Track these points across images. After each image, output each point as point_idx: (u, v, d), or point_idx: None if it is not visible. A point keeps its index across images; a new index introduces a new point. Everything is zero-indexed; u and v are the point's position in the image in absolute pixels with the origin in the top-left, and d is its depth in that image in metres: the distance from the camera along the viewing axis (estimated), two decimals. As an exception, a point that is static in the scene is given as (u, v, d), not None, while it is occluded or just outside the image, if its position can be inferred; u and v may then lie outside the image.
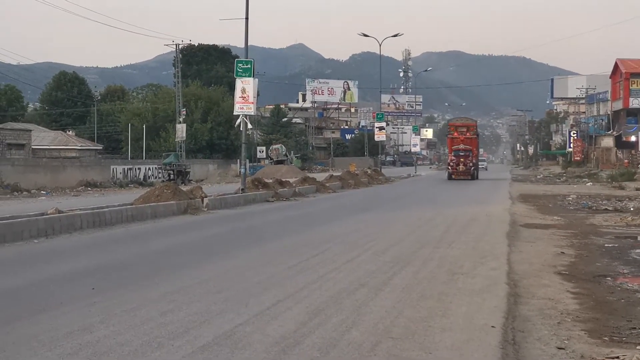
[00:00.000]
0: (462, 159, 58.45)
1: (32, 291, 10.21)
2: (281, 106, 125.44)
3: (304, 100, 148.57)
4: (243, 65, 32.65)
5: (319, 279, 11.17)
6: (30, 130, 69.96)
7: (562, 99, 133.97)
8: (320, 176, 51.78)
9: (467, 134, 61.76)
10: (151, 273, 11.73)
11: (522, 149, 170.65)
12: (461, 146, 59.67)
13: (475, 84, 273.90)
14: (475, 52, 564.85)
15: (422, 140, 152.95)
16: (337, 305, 9.20)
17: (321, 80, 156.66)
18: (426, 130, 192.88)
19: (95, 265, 12.57)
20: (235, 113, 33.47)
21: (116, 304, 9.21)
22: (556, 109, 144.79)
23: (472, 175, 58.30)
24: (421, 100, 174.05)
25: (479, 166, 71.22)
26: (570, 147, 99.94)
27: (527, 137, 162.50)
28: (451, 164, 59.43)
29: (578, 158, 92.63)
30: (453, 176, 58.28)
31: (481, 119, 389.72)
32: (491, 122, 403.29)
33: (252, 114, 34.34)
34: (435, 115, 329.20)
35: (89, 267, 12.34)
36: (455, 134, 62.06)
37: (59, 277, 11.39)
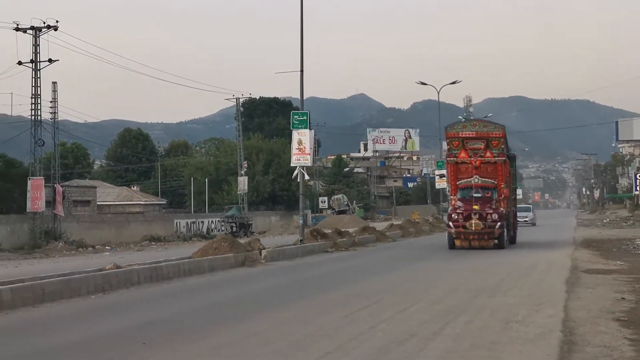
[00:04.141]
0: (475, 207, 29.96)
1: (83, 348, 10.28)
2: (343, 156, 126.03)
3: (365, 149, 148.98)
4: (299, 117, 32.86)
5: (369, 329, 11.06)
6: (96, 187, 71.29)
7: (627, 141, 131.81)
8: (382, 225, 51.68)
9: (487, 153, 31.26)
10: (202, 327, 11.73)
11: (588, 193, 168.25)
12: (474, 179, 31.19)
13: (538, 129, 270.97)
14: (538, 96, 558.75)
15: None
16: (385, 356, 9.12)
17: (382, 129, 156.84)
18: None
19: (147, 320, 12.63)
20: (292, 165, 33.62)
21: (165, 358, 9.24)
22: (622, 152, 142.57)
23: (497, 237, 30.00)
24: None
25: (522, 218, 49.10)
26: (637, 190, 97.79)
27: (592, 181, 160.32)
28: (454, 216, 30.41)
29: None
30: (457, 242, 30.30)
31: (546, 164, 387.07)
32: (556, 167, 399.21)
33: (309, 165, 34.53)
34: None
35: (141, 322, 12.39)
36: (462, 154, 31.55)
37: (110, 332, 11.46)
